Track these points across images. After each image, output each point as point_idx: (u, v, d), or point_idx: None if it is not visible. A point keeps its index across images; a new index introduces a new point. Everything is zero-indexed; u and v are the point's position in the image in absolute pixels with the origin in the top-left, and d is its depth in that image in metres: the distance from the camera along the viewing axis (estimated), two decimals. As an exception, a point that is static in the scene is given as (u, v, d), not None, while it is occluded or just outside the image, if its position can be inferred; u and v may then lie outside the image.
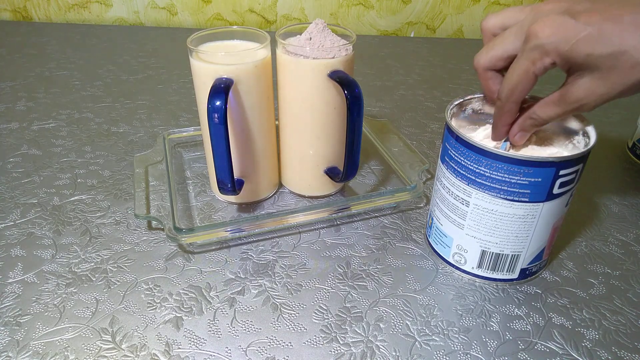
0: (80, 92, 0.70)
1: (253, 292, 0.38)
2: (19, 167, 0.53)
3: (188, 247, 0.42)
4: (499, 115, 0.34)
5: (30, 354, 0.33)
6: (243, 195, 0.46)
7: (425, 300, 0.38)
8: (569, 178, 0.33)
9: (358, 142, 0.41)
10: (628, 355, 0.34)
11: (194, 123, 0.62)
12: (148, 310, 0.36)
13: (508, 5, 0.97)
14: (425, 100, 0.71)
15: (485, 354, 0.34)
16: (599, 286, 0.39)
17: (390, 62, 0.84)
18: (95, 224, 0.45)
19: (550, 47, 0.28)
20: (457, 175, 0.36)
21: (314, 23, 0.41)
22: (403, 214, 0.47)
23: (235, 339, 0.34)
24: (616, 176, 0.53)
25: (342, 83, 0.39)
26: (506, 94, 0.32)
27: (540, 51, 0.29)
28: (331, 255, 0.42)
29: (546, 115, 0.32)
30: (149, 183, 0.47)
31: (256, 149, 0.44)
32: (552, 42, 0.28)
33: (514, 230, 0.35)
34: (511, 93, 0.32)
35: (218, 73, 0.39)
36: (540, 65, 0.29)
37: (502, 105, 0.33)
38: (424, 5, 0.97)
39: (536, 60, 0.29)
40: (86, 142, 0.58)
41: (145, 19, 1.00)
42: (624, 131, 0.62)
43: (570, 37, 0.28)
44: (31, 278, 0.39)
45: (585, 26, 0.27)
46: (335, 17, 0.99)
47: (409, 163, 0.51)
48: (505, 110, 0.33)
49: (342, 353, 0.33)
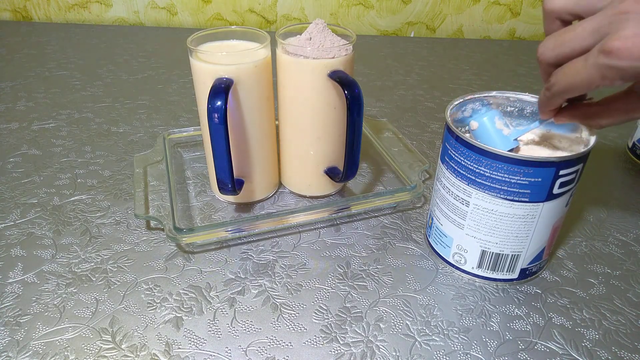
0: (80, 92, 0.70)
1: (253, 292, 0.38)
2: (19, 167, 0.53)
3: (188, 247, 0.42)
4: (544, 104, 0.32)
5: (30, 354, 0.33)
6: (243, 195, 0.46)
7: (425, 300, 0.38)
8: (569, 178, 0.33)
9: (358, 142, 0.41)
10: (628, 355, 0.34)
11: (194, 123, 0.62)
12: (148, 310, 0.36)
13: (507, 4, 0.97)
14: (425, 100, 0.71)
15: (485, 354, 0.34)
16: (599, 286, 0.39)
17: (390, 62, 0.84)
18: (95, 224, 0.45)
19: (630, 72, 0.25)
20: (457, 175, 0.36)
21: (314, 23, 0.41)
22: (403, 214, 0.47)
23: (235, 339, 0.34)
24: (616, 176, 0.53)
25: (342, 83, 0.39)
26: (559, 90, 0.29)
27: (617, 73, 0.26)
28: (331, 255, 0.42)
29: (608, 122, 0.31)
30: (149, 183, 0.47)
31: (256, 149, 0.44)
32: (633, 67, 0.25)
33: (514, 230, 0.35)
34: (564, 91, 0.29)
35: (218, 73, 0.39)
36: (610, 83, 0.27)
37: (550, 96, 0.30)
38: (424, 5, 0.97)
39: (607, 79, 0.26)
40: (86, 142, 0.58)
41: (145, 19, 1.00)
42: (624, 131, 0.62)
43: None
44: (31, 278, 0.39)
45: None
46: (335, 17, 0.99)
47: (409, 163, 0.51)
48: (552, 102, 0.31)
49: (342, 353, 0.33)
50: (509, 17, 0.98)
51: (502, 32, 1.01)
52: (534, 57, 0.88)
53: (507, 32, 1.00)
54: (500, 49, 0.92)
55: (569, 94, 0.29)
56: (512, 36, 1.01)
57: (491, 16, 0.98)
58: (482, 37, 1.01)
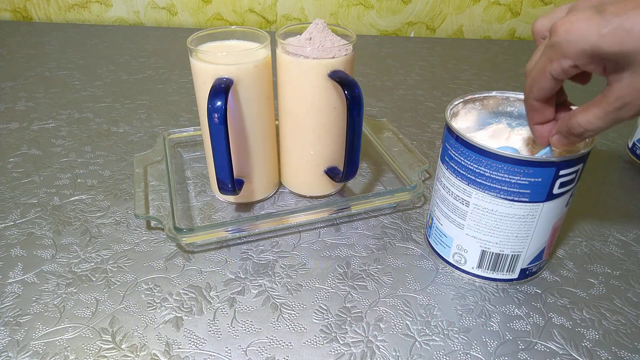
0: (80, 92, 0.70)
1: (253, 292, 0.38)
2: (19, 167, 0.53)
3: (188, 247, 0.42)
4: (526, 112, 0.32)
5: (30, 354, 0.33)
6: (243, 195, 0.46)
7: (425, 300, 0.38)
8: (569, 178, 0.33)
9: (358, 142, 0.41)
10: (628, 355, 0.34)
11: (194, 123, 0.62)
12: (148, 310, 0.36)
13: (507, 4, 0.97)
14: (425, 100, 0.71)
15: (485, 354, 0.34)
16: (599, 286, 0.39)
17: (390, 62, 0.84)
18: (95, 224, 0.45)
19: (566, 46, 0.26)
20: (457, 175, 0.36)
21: (314, 23, 0.41)
22: (403, 214, 0.47)
23: (235, 339, 0.34)
24: (616, 176, 0.53)
25: (342, 83, 0.39)
26: (526, 91, 0.30)
27: (557, 50, 0.26)
28: (331, 255, 0.42)
29: (585, 120, 0.28)
30: (149, 183, 0.47)
31: (256, 149, 0.44)
32: (570, 41, 0.26)
33: (514, 230, 0.35)
34: (529, 90, 0.30)
35: (218, 73, 0.39)
36: (557, 66, 0.27)
37: (525, 102, 0.31)
38: (424, 5, 0.97)
39: (553, 59, 0.27)
40: (86, 142, 0.58)
41: (145, 19, 1.00)
42: (624, 131, 0.62)
43: (592, 34, 0.25)
44: (31, 278, 0.39)
45: (612, 19, 0.24)
46: (335, 17, 0.99)
47: (409, 163, 0.51)
48: (527, 108, 0.31)
49: (342, 353, 0.33)
50: (509, 17, 0.98)
51: (502, 32, 1.01)
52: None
53: (507, 32, 1.00)
54: (500, 49, 0.92)
55: (534, 93, 0.30)
56: (512, 36, 1.01)
57: (491, 16, 0.98)
58: (482, 37, 1.01)
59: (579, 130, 0.29)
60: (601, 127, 0.28)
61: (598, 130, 0.29)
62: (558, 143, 0.32)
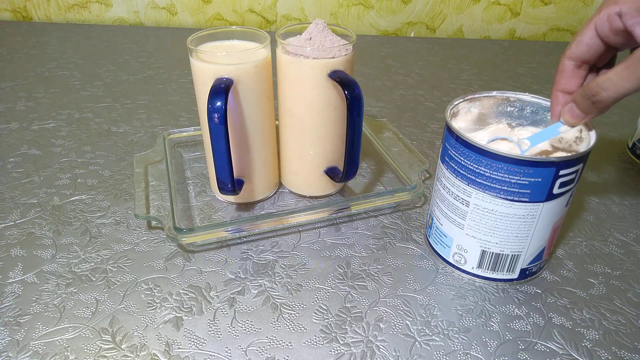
0: (80, 92, 0.70)
1: (253, 292, 0.38)
2: (19, 167, 0.53)
3: (188, 247, 0.42)
4: (556, 75, 0.31)
5: (30, 354, 0.33)
6: (243, 195, 0.46)
7: (425, 300, 0.38)
8: (569, 178, 0.33)
9: (358, 142, 0.41)
10: (628, 355, 0.34)
11: (194, 123, 0.62)
12: (148, 310, 0.36)
13: (508, 5, 0.97)
14: (425, 100, 0.71)
15: (485, 354, 0.34)
16: (599, 286, 0.39)
17: (390, 62, 0.84)
18: (95, 224, 0.45)
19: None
20: (457, 175, 0.36)
21: (314, 23, 0.41)
22: (403, 214, 0.47)
23: (235, 339, 0.34)
24: (616, 176, 0.53)
25: (342, 83, 0.39)
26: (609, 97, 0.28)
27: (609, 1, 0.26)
28: (331, 255, 0.42)
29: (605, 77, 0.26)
30: (149, 183, 0.47)
31: (256, 149, 0.44)
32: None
33: (514, 230, 0.35)
34: (567, 47, 0.29)
35: (218, 73, 0.39)
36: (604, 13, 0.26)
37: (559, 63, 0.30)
38: (424, 5, 0.97)
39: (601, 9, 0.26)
40: (86, 142, 0.58)
41: (145, 19, 1.00)
42: (624, 131, 0.62)
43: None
44: (31, 278, 0.39)
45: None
46: (335, 17, 0.99)
47: (409, 163, 0.51)
48: (558, 70, 0.30)
49: (342, 353, 0.33)
50: (509, 17, 0.98)
51: (502, 32, 1.01)
52: (534, 57, 0.88)
53: (507, 32, 1.00)
54: (500, 49, 0.92)
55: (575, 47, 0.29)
56: (512, 36, 1.01)
57: (491, 16, 0.98)
58: (482, 37, 1.01)
59: (597, 91, 0.27)
60: (622, 87, 0.26)
61: (617, 93, 0.27)
62: (570, 113, 0.30)
